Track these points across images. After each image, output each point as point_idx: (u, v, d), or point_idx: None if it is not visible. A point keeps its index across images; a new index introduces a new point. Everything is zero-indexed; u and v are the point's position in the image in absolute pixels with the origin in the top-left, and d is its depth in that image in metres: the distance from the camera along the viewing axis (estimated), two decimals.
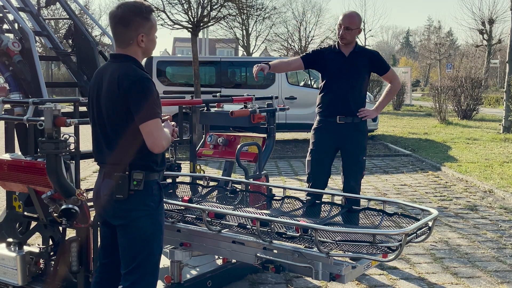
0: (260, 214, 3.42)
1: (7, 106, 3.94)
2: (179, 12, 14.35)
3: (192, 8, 13.56)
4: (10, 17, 4.53)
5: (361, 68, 4.67)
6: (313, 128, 4.80)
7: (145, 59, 2.89)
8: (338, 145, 4.71)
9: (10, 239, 3.69)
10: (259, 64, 4.56)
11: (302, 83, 14.19)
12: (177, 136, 2.94)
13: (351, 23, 4.57)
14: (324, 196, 4.15)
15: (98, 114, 2.72)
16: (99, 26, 5.62)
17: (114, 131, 2.66)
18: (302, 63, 4.75)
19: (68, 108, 4.11)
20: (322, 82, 4.76)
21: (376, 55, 4.78)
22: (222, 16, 14.99)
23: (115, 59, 2.73)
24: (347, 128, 4.64)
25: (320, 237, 2.99)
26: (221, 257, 4.19)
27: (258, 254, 3.26)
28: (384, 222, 3.34)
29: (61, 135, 3.16)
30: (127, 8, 2.64)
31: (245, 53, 35.31)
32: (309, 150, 4.79)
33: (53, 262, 3.53)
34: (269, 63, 4.64)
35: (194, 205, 3.53)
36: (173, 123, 2.89)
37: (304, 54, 4.86)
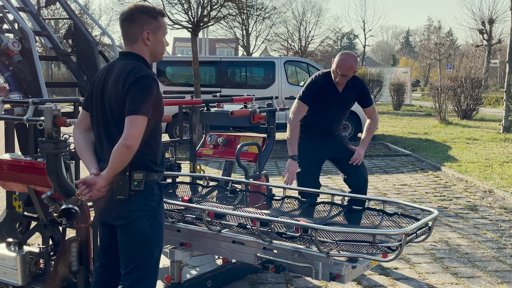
0: (260, 214, 3.41)
1: (7, 106, 3.94)
2: (179, 12, 14.36)
3: (192, 8, 13.55)
4: (10, 17, 4.53)
5: (351, 102, 4.78)
6: (299, 143, 4.63)
7: None
8: (329, 157, 4.77)
9: (10, 239, 3.69)
10: (288, 175, 4.41)
11: (302, 83, 14.21)
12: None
13: (349, 70, 4.48)
14: (324, 196, 4.14)
15: (101, 110, 2.71)
16: (99, 26, 5.61)
17: (117, 128, 2.63)
18: (307, 106, 4.57)
19: (68, 108, 4.10)
20: (310, 110, 4.61)
21: (365, 90, 4.77)
22: (222, 16, 14.97)
23: (124, 57, 2.74)
24: (335, 141, 4.73)
25: (320, 237, 2.99)
26: (221, 257, 4.19)
27: (258, 254, 3.26)
28: (384, 222, 3.33)
29: (61, 135, 3.16)
30: (136, 7, 2.72)
31: (245, 53, 35.31)
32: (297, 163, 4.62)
33: (53, 262, 3.53)
34: (293, 155, 4.44)
35: (194, 205, 3.53)
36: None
37: (305, 97, 4.58)
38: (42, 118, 3.11)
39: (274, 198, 3.85)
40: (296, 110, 4.58)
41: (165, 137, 11.40)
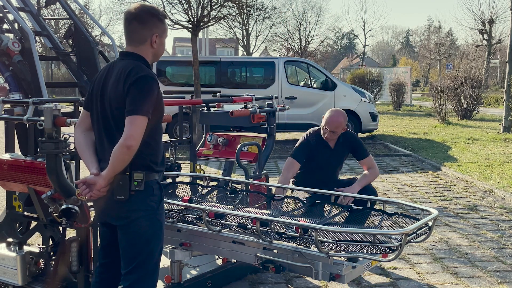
0: (260, 214, 3.41)
1: (7, 106, 3.94)
2: (179, 12, 14.37)
3: (192, 8, 13.55)
4: (10, 17, 4.53)
5: (344, 155, 4.84)
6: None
7: None
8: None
9: (10, 239, 3.69)
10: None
11: (302, 83, 14.20)
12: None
13: (337, 127, 4.56)
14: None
15: (102, 110, 2.71)
16: (99, 26, 5.61)
17: (118, 128, 2.63)
18: (299, 164, 4.62)
19: (68, 108, 4.11)
20: (304, 165, 4.65)
21: (357, 143, 4.76)
22: (222, 16, 14.97)
23: (125, 57, 2.74)
24: (333, 181, 4.74)
25: (320, 237, 2.99)
26: (221, 257, 4.19)
27: (258, 254, 3.26)
28: (384, 222, 3.33)
29: (61, 135, 3.16)
30: (145, 8, 2.72)
31: (245, 53, 35.31)
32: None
33: (53, 262, 3.53)
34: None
35: (194, 205, 3.53)
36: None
37: (297, 155, 4.67)
38: (42, 118, 3.11)
39: (274, 198, 3.85)
40: (288, 167, 4.63)
41: (165, 137, 11.39)
